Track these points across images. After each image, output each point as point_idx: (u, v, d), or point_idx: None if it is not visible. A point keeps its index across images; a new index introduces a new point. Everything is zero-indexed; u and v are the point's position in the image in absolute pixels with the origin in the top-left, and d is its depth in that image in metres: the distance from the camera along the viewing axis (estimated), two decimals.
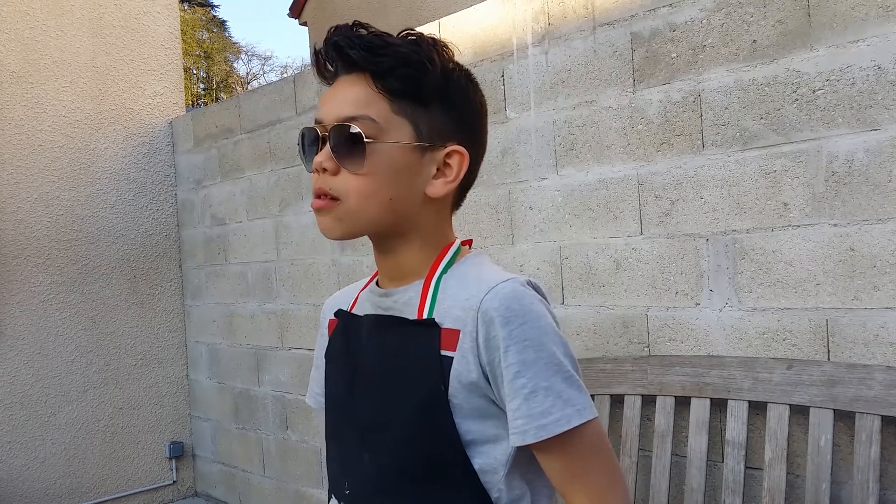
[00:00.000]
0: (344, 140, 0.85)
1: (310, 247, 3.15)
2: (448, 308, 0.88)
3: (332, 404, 1.01)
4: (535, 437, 0.81)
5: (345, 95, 0.87)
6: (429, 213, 0.92)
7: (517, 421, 0.82)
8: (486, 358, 0.84)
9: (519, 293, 0.84)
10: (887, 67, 1.58)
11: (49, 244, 3.59)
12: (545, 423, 0.81)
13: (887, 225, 1.59)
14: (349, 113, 0.86)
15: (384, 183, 0.86)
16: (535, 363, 0.82)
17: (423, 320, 0.88)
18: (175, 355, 3.98)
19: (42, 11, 3.60)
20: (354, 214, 0.87)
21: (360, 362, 0.95)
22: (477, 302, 0.85)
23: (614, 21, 2.05)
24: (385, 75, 0.86)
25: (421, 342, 0.87)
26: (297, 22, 11.57)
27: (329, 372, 1.04)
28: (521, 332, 0.83)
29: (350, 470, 0.95)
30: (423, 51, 0.86)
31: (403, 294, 0.92)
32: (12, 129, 3.50)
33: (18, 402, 3.47)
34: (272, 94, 3.31)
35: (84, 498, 3.64)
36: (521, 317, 0.83)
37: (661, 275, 1.97)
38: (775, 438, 1.68)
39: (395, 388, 0.89)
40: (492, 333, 0.83)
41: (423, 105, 0.87)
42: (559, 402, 0.82)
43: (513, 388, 0.82)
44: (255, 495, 3.59)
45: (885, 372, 1.54)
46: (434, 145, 0.88)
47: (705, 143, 1.87)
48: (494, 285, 0.85)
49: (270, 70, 36.47)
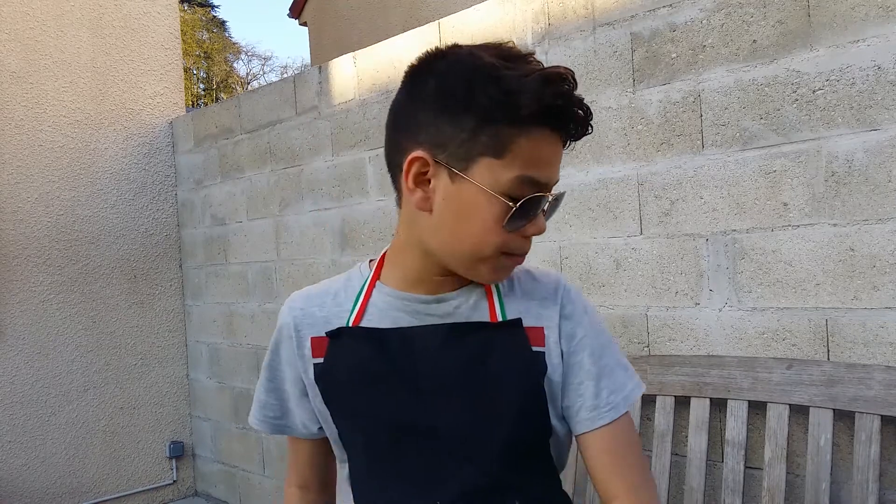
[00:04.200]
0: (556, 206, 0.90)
1: (310, 247, 3.15)
2: (523, 307, 0.93)
3: (385, 428, 0.92)
4: (625, 407, 0.92)
5: (559, 161, 0.86)
6: None
7: (611, 396, 0.91)
8: (566, 348, 0.93)
9: (576, 288, 0.97)
10: (887, 67, 1.58)
11: (49, 244, 3.59)
12: (627, 392, 0.92)
13: (887, 225, 1.59)
14: (558, 179, 0.88)
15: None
16: (608, 343, 0.94)
17: (508, 321, 0.92)
18: (175, 355, 3.98)
19: (42, 11, 3.60)
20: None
21: (425, 375, 0.89)
22: (556, 298, 0.94)
23: (614, 21, 2.05)
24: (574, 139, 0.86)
25: (510, 342, 0.91)
26: (298, 22, 11.57)
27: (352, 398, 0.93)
28: (593, 319, 0.95)
29: (440, 483, 0.89)
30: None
31: (465, 298, 0.93)
32: (12, 129, 3.50)
33: (19, 402, 3.47)
34: (272, 94, 3.31)
35: (84, 497, 3.64)
36: (588, 307, 0.96)
37: (660, 275, 1.97)
38: (775, 438, 1.68)
39: (490, 391, 0.89)
40: (570, 326, 0.93)
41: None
42: (629, 371, 0.95)
43: (599, 368, 0.92)
44: (255, 495, 3.59)
45: (885, 372, 1.54)
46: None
47: (705, 143, 1.87)
48: (563, 283, 0.96)
49: (270, 70, 36.50)
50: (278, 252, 3.32)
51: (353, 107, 2.89)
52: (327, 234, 3.05)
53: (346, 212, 2.95)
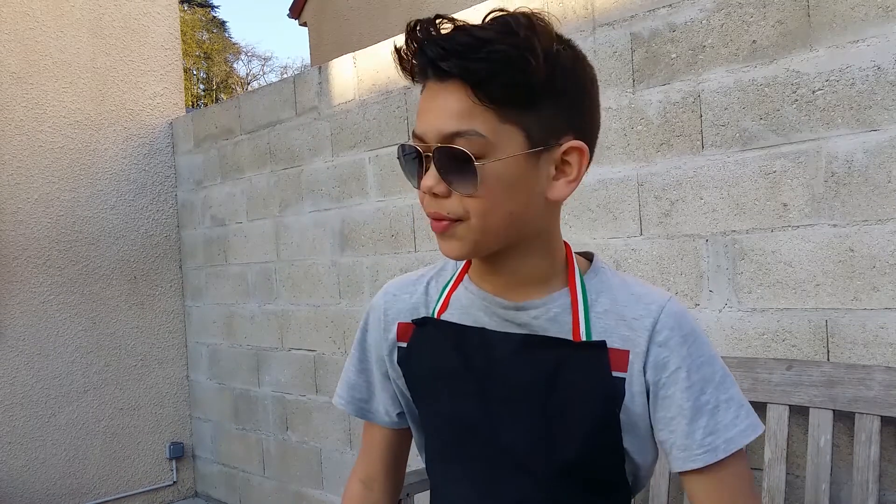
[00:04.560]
0: (451, 162, 0.76)
1: (310, 247, 3.15)
2: (610, 326, 0.85)
3: (454, 423, 0.91)
4: (724, 452, 0.82)
5: (444, 108, 0.76)
6: (550, 217, 0.86)
7: (707, 438, 0.82)
8: (653, 378, 0.84)
9: (683, 311, 0.85)
10: (887, 68, 1.58)
11: (49, 245, 3.59)
12: (732, 435, 0.82)
13: (887, 225, 1.59)
14: (453, 129, 0.76)
15: (502, 199, 0.78)
16: (713, 378, 0.83)
17: (591, 342, 0.84)
18: (175, 356, 3.98)
19: (42, 12, 3.60)
20: (478, 233, 0.79)
21: (499, 382, 0.87)
22: (650, 323, 0.84)
23: (614, 21, 2.05)
24: (486, 85, 0.74)
25: (588, 365, 0.84)
26: (297, 23, 11.57)
27: (429, 387, 0.94)
28: (695, 350, 0.83)
29: (500, 491, 0.89)
30: (522, 41, 0.73)
31: (546, 309, 0.86)
32: (12, 130, 3.50)
33: (19, 403, 3.47)
34: (272, 94, 3.31)
35: (84, 498, 3.64)
36: (695, 332, 0.84)
37: (660, 275, 1.97)
38: (775, 439, 1.68)
39: (559, 412, 0.85)
40: (664, 354, 0.83)
41: (531, 106, 0.76)
42: (742, 411, 0.83)
43: (697, 406, 0.82)
44: (255, 496, 3.59)
45: (885, 372, 1.54)
46: (549, 146, 0.79)
47: (705, 143, 1.87)
48: (663, 304, 0.84)
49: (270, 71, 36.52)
50: (278, 253, 3.32)
51: (353, 107, 2.90)
52: (327, 234, 3.05)
53: (345, 212, 2.95)
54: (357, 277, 2.92)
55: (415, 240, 2.66)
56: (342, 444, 3.05)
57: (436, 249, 2.57)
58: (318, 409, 3.15)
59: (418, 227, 2.65)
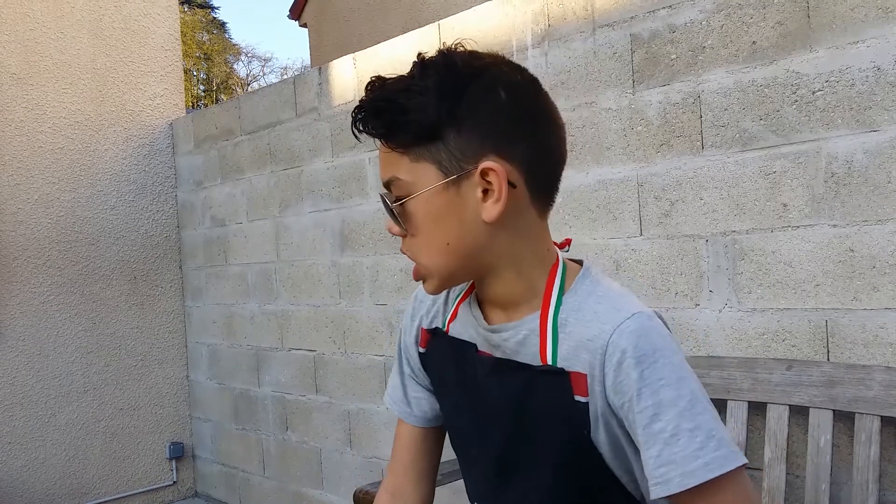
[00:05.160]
0: (388, 209, 0.85)
1: (310, 248, 3.15)
2: (572, 349, 0.82)
3: (456, 428, 1.00)
4: (679, 486, 0.74)
5: (381, 162, 0.86)
6: (504, 238, 0.84)
7: (659, 469, 0.75)
8: (616, 402, 0.80)
9: (646, 328, 0.78)
10: (887, 69, 1.58)
11: (49, 245, 3.59)
12: (692, 468, 0.73)
13: (887, 226, 1.59)
14: (385, 179, 0.85)
15: (433, 233, 0.83)
16: (674, 403, 0.75)
17: (552, 368, 0.83)
18: (175, 356, 3.98)
19: (42, 13, 3.60)
20: (432, 272, 0.85)
21: (482, 399, 0.91)
22: (603, 343, 0.79)
23: (614, 22, 2.05)
24: (390, 136, 0.82)
25: (552, 390, 0.83)
26: (297, 24, 11.57)
27: (441, 392, 1.01)
28: (653, 372, 0.76)
29: (490, 495, 0.95)
30: (416, 83, 0.80)
31: (515, 332, 0.87)
32: (12, 131, 3.50)
33: (19, 403, 3.47)
34: (272, 95, 3.32)
35: (84, 498, 3.64)
36: (652, 355, 0.77)
37: (660, 276, 1.97)
38: (775, 439, 1.68)
39: (532, 431, 0.86)
40: (619, 378, 0.78)
41: (435, 139, 0.80)
42: (711, 442, 0.74)
43: (649, 433, 0.76)
44: (255, 496, 3.59)
45: (885, 372, 1.54)
46: (464, 171, 0.81)
47: (705, 144, 1.87)
48: (619, 323, 0.79)
49: (270, 72, 36.49)
50: (278, 253, 3.32)
51: (353, 108, 2.89)
52: (327, 235, 3.05)
53: (345, 213, 2.95)
54: (357, 278, 2.92)
55: None
56: (342, 445, 3.05)
57: None
58: (318, 409, 3.15)
59: None
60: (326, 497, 3.16)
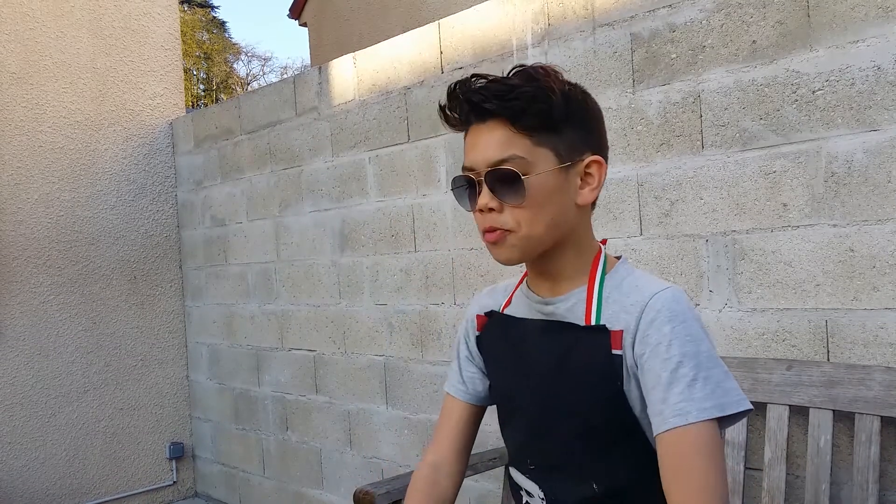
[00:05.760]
0: (501, 180, 0.97)
1: (309, 248, 3.15)
2: (613, 313, 0.99)
3: (503, 393, 1.15)
4: (696, 417, 0.88)
5: (489, 141, 0.98)
6: (580, 220, 1.03)
7: (680, 404, 0.89)
8: (637, 350, 0.95)
9: (680, 298, 0.95)
10: (887, 68, 1.58)
11: (49, 245, 3.59)
12: (706, 406, 0.89)
13: (887, 225, 1.59)
14: (499, 156, 0.97)
15: (544, 207, 0.98)
16: (696, 355, 0.91)
17: (595, 326, 0.99)
18: (175, 356, 3.98)
19: (42, 12, 3.60)
20: (526, 239, 0.98)
21: (529, 360, 1.07)
22: (642, 305, 0.96)
23: (614, 22, 2.05)
24: (520, 117, 0.96)
25: (592, 346, 0.99)
26: (297, 23, 11.57)
27: (493, 365, 1.17)
28: (683, 329, 0.92)
29: (530, 450, 1.09)
30: (542, 83, 0.96)
31: (565, 302, 1.04)
32: (12, 131, 3.50)
33: (19, 403, 3.47)
34: (272, 95, 3.31)
35: (84, 498, 3.64)
36: (683, 314, 0.94)
37: (660, 275, 1.97)
38: (775, 439, 1.68)
39: (571, 385, 1.01)
40: (649, 330, 0.94)
41: (556, 131, 0.98)
42: (719, 389, 0.90)
43: (675, 376, 0.90)
44: (255, 496, 3.59)
45: (885, 372, 1.54)
46: (574, 161, 1.00)
47: (705, 143, 1.87)
48: (657, 291, 0.96)
49: (270, 71, 36.51)
50: (278, 253, 3.32)
51: (353, 107, 2.90)
52: (327, 234, 3.05)
53: (345, 212, 2.95)
54: (357, 277, 2.92)
55: (415, 240, 2.66)
56: (342, 444, 3.05)
57: (436, 250, 2.58)
58: (318, 409, 3.15)
59: (418, 227, 2.65)
60: (326, 497, 3.16)
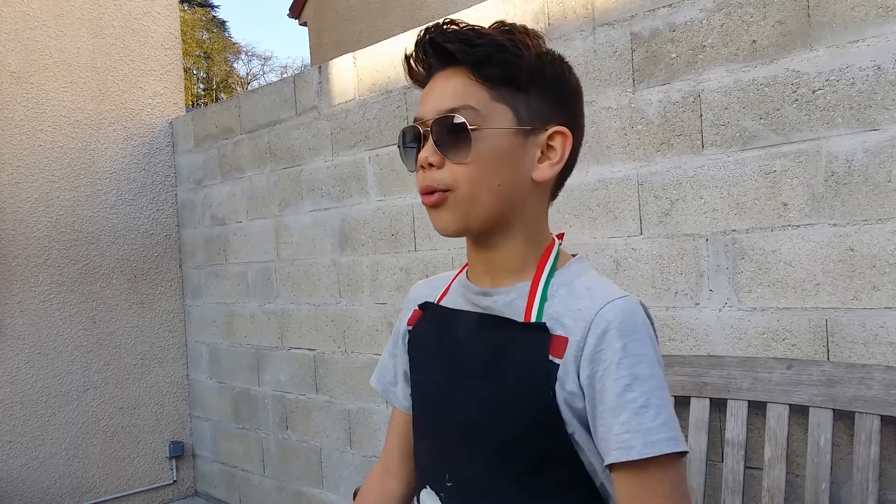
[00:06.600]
0: (447, 131, 0.85)
1: (310, 247, 3.15)
2: (556, 314, 0.86)
3: (425, 396, 1.00)
4: (640, 454, 0.77)
5: (443, 89, 0.87)
6: (533, 201, 0.90)
7: (623, 435, 0.78)
8: (587, 371, 0.82)
9: (633, 310, 0.82)
10: (887, 67, 1.58)
11: (49, 244, 3.59)
12: (654, 440, 0.77)
13: (887, 225, 1.59)
14: (449, 105, 0.85)
15: (490, 169, 0.85)
16: (649, 379, 0.79)
17: (534, 324, 0.86)
18: (175, 355, 3.98)
19: (42, 12, 3.60)
20: (468, 202, 0.85)
21: (458, 358, 0.93)
22: (591, 314, 0.82)
23: (614, 21, 2.05)
24: (482, 64, 0.85)
25: (529, 346, 0.85)
26: (297, 22, 11.57)
27: (418, 363, 1.02)
28: (636, 347, 0.80)
29: (451, 462, 0.93)
30: (517, 38, 0.86)
31: (505, 295, 0.90)
32: (12, 130, 3.50)
33: (19, 402, 3.47)
34: (272, 94, 3.31)
35: (84, 497, 3.64)
36: (635, 332, 0.81)
37: (660, 275, 1.97)
38: (775, 438, 1.68)
39: (502, 388, 0.87)
40: (601, 346, 0.81)
41: (521, 90, 0.86)
42: (672, 422, 0.79)
43: (621, 401, 0.78)
44: (255, 495, 3.59)
45: (885, 372, 1.54)
46: (535, 128, 0.87)
47: (705, 143, 1.87)
48: (611, 300, 0.83)
49: (270, 70, 36.51)
50: (278, 252, 3.32)
51: (353, 107, 2.90)
52: (327, 234, 3.05)
53: (345, 212, 2.95)
54: (357, 277, 2.92)
55: (415, 239, 2.66)
56: (342, 444, 3.05)
57: (436, 249, 2.57)
58: (318, 408, 3.15)
59: (418, 226, 2.65)
60: (326, 496, 3.16)
